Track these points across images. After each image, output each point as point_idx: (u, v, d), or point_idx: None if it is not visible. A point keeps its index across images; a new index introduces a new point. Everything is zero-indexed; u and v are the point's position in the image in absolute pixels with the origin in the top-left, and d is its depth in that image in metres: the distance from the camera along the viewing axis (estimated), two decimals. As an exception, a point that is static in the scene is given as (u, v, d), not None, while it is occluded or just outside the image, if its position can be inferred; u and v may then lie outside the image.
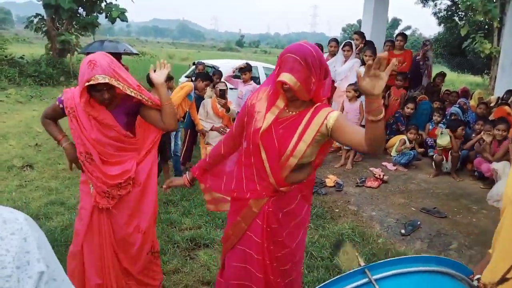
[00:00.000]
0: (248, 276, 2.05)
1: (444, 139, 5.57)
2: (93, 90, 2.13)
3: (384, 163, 6.12)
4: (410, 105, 6.45)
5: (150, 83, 5.44)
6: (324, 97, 1.93)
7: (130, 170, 2.35)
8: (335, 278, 1.14)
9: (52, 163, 5.73)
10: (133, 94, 2.18)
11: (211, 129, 5.44)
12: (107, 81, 2.04)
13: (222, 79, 6.23)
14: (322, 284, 1.15)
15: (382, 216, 4.43)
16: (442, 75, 7.78)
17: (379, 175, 5.44)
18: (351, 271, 1.15)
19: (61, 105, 2.29)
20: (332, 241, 3.75)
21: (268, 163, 1.92)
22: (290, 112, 1.94)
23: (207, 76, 5.60)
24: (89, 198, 2.38)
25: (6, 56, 13.51)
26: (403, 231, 4.05)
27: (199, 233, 3.74)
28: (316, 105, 1.90)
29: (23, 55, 14.50)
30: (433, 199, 4.86)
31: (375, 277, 1.10)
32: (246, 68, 6.37)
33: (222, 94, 5.23)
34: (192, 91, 5.27)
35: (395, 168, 5.95)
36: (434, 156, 5.65)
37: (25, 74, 13.17)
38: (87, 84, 2.05)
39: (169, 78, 5.50)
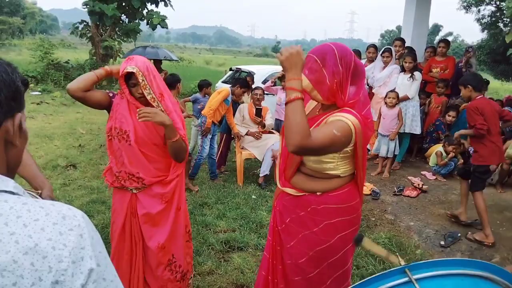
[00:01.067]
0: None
1: None
2: (129, 86, 2.26)
3: (423, 172, 5.95)
4: (452, 113, 6.24)
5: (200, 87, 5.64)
6: (349, 100, 1.77)
7: (148, 173, 2.33)
8: (374, 275, 1.13)
9: (94, 163, 5.94)
10: (148, 97, 2.22)
11: (247, 134, 5.49)
12: (134, 71, 2.16)
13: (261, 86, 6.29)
14: (361, 281, 1.14)
15: (420, 227, 4.31)
16: (486, 83, 7.49)
17: (418, 184, 5.30)
18: (390, 270, 1.13)
19: (110, 94, 2.36)
20: (367, 250, 3.67)
21: (280, 157, 2.00)
22: (317, 113, 1.93)
23: (245, 83, 5.67)
24: (121, 203, 2.42)
25: (52, 61, 14.17)
26: (442, 242, 3.92)
27: (233, 236, 3.77)
28: (340, 109, 1.77)
29: (68, 60, 15.16)
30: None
31: (415, 277, 1.09)
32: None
33: (258, 113, 5.36)
34: (229, 96, 5.35)
35: (434, 177, 5.78)
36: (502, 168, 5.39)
37: (70, 78, 13.75)
38: (121, 74, 2.19)
39: (207, 84, 5.62)
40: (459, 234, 4.02)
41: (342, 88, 1.75)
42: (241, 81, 5.73)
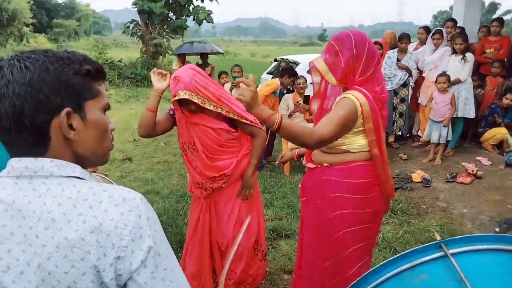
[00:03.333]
0: None
1: None
2: (181, 103, 2.32)
3: (478, 158, 5.70)
4: (510, 96, 5.90)
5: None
6: (358, 81, 1.86)
7: (227, 167, 2.44)
8: (410, 250, 1.16)
9: (148, 156, 6.25)
10: (211, 108, 2.29)
11: (289, 115, 5.52)
12: (187, 97, 2.22)
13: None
14: (399, 255, 1.17)
15: (474, 214, 4.17)
16: None
17: (472, 171, 5.10)
18: (426, 244, 1.16)
19: (171, 112, 2.46)
20: (417, 237, 3.63)
21: None
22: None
23: (292, 72, 5.70)
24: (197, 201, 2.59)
25: (106, 60, 14.91)
26: (497, 229, 3.78)
27: (280, 224, 3.85)
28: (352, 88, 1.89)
29: (121, 59, 15.86)
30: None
31: (451, 251, 1.10)
32: None
33: (306, 101, 5.38)
34: (279, 88, 5.44)
35: (490, 163, 5.52)
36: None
37: (123, 76, 14.43)
38: (173, 99, 2.27)
39: (222, 73, 5.64)
40: (517, 221, 3.85)
41: (354, 70, 1.87)
42: (288, 71, 5.77)
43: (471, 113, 5.76)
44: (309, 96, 5.49)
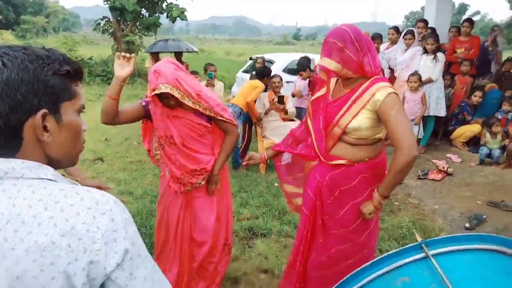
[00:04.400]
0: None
1: None
2: (160, 97, 2.25)
3: (448, 155, 5.85)
4: (478, 93, 6.09)
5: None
6: (376, 69, 1.95)
7: (207, 162, 2.43)
8: (391, 252, 1.15)
9: (120, 156, 6.11)
10: (190, 104, 2.25)
11: (265, 113, 5.52)
12: (168, 90, 2.16)
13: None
14: (379, 257, 1.16)
15: (445, 210, 4.26)
16: (510, 60, 7.24)
17: (443, 168, 5.22)
18: (407, 246, 1.16)
19: (143, 103, 2.39)
20: (390, 233, 3.68)
21: (315, 138, 2.07)
22: (345, 90, 2.02)
23: (266, 70, 5.69)
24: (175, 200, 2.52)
25: (76, 58, 14.50)
26: (467, 224, 3.88)
27: (256, 223, 3.84)
28: (371, 79, 1.94)
29: (92, 56, 15.48)
30: (502, 192, 4.58)
31: (432, 252, 1.10)
32: (302, 67, 6.44)
33: (281, 100, 5.38)
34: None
35: (460, 160, 5.67)
36: (507, 146, 5.28)
37: (94, 74, 14.09)
38: (153, 93, 2.19)
39: (193, 72, 5.61)
40: (484, 216, 3.97)
41: (368, 59, 1.92)
42: (260, 71, 5.75)
43: (442, 112, 5.91)
44: (283, 96, 5.50)
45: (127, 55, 2.21)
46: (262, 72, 5.68)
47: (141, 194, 4.58)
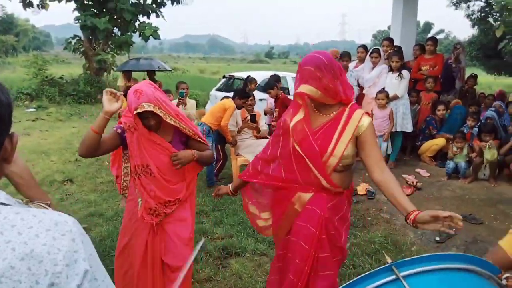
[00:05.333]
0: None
1: (492, 153, 5.29)
2: (140, 117, 2.23)
3: (417, 170, 6.00)
4: (441, 107, 6.32)
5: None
6: (351, 95, 2.04)
7: (181, 192, 2.42)
8: (362, 275, 1.15)
9: (90, 177, 5.98)
10: (172, 122, 2.26)
11: (238, 131, 5.54)
12: (151, 109, 2.16)
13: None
14: (350, 281, 1.16)
15: (415, 224, 4.34)
16: (473, 77, 7.57)
17: (413, 182, 5.35)
18: (377, 268, 1.16)
19: (118, 130, 2.36)
20: (363, 249, 3.72)
21: (314, 165, 2.02)
22: (325, 116, 2.06)
23: (244, 94, 5.67)
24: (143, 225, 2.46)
25: (46, 77, 14.22)
26: (437, 238, 3.96)
27: (230, 242, 3.81)
28: (349, 106, 2.03)
29: (63, 75, 15.21)
30: (469, 205, 4.73)
31: (402, 274, 1.11)
32: (270, 86, 6.52)
33: (253, 119, 5.41)
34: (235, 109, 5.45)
35: (428, 175, 5.83)
36: (474, 160, 5.46)
37: (65, 93, 13.83)
38: (135, 112, 2.16)
39: (166, 91, 5.60)
40: (454, 229, 4.05)
41: (341, 85, 1.99)
42: (239, 91, 5.76)
43: (409, 127, 6.08)
44: (255, 114, 5.55)
45: (117, 92, 2.20)
46: (241, 93, 5.65)
47: (112, 215, 4.48)
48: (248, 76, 7.36)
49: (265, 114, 6.51)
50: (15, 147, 0.85)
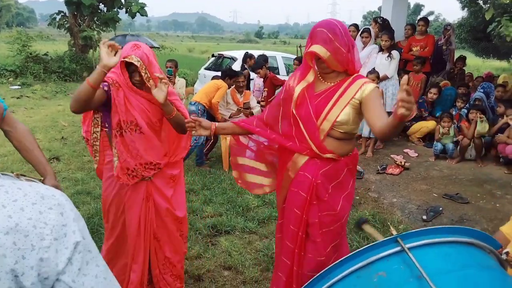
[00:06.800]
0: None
1: (484, 126, 5.38)
2: (127, 70, 2.21)
3: (405, 150, 6.05)
4: (433, 90, 6.34)
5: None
6: (358, 68, 2.02)
7: (162, 157, 2.39)
8: (367, 246, 1.14)
9: (77, 155, 5.89)
10: (149, 85, 2.20)
11: (230, 116, 5.50)
12: (138, 64, 2.13)
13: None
14: (354, 252, 1.15)
15: (403, 203, 4.40)
16: (462, 59, 7.59)
17: (401, 162, 5.39)
18: (383, 239, 1.15)
19: (105, 88, 2.26)
20: (351, 227, 3.75)
21: (305, 129, 2.03)
22: (328, 83, 2.05)
23: (232, 72, 5.62)
24: (136, 195, 2.41)
25: (31, 54, 13.85)
26: (424, 217, 4.02)
27: (220, 221, 3.81)
28: (354, 76, 2.00)
29: (47, 52, 14.83)
30: (456, 185, 4.80)
31: (407, 246, 1.10)
32: (259, 65, 6.45)
33: (247, 107, 5.40)
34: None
35: (416, 155, 5.88)
36: (460, 142, 5.52)
37: (50, 70, 13.50)
38: (122, 59, 2.13)
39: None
40: (441, 208, 4.13)
41: (351, 56, 1.97)
42: (227, 71, 5.68)
43: (398, 108, 6.09)
44: (248, 102, 5.52)
45: (115, 44, 2.09)
46: (229, 73, 5.60)
47: (100, 193, 4.38)
48: (247, 52, 7.28)
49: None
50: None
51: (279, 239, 2.31)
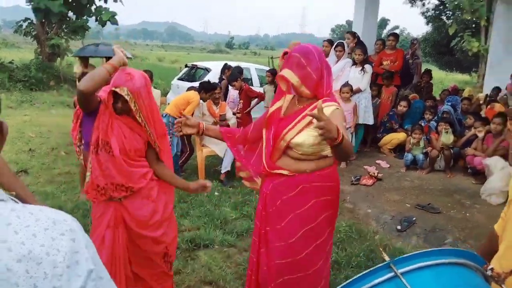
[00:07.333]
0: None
1: (449, 137, 5.59)
2: (113, 96, 2.19)
3: (377, 161, 6.19)
4: (403, 103, 6.54)
5: None
6: (328, 91, 2.06)
7: (136, 180, 2.28)
8: (360, 274, 1.16)
9: (47, 168, 5.70)
10: (139, 119, 2.20)
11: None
12: (127, 99, 2.12)
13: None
14: (349, 280, 1.17)
15: (378, 213, 4.49)
16: (428, 72, 7.86)
17: (374, 173, 5.51)
18: (376, 267, 1.17)
19: (99, 99, 2.28)
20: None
21: (265, 143, 2.12)
22: (299, 106, 2.10)
23: (210, 86, 5.57)
24: (102, 214, 2.33)
25: (-5, 61, 13.38)
26: (399, 227, 4.11)
27: (198, 234, 3.76)
28: (323, 99, 2.02)
29: (12, 60, 14.36)
30: (427, 195, 4.94)
31: (400, 271, 1.13)
32: (234, 77, 6.48)
33: (223, 119, 5.48)
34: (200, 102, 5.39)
35: (388, 166, 6.03)
36: (430, 153, 5.70)
37: (15, 79, 13.04)
38: (113, 88, 2.13)
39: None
40: (414, 218, 4.24)
41: (323, 82, 2.02)
42: (205, 85, 5.63)
43: (370, 120, 6.26)
44: (225, 114, 5.53)
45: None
46: (207, 86, 5.55)
47: (72, 208, 4.30)
48: (226, 63, 7.29)
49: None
50: (5, 136, 0.80)
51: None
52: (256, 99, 6.71)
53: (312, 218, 2.07)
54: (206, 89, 5.45)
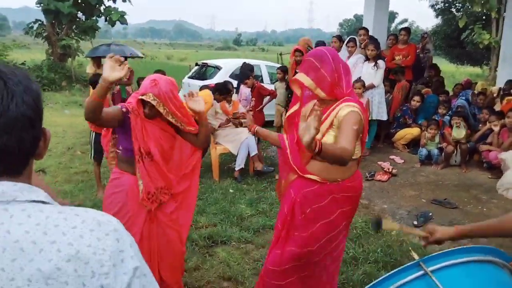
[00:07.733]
0: None
1: (460, 132, 5.57)
2: (143, 103, 2.29)
3: (391, 157, 6.17)
4: (417, 98, 6.50)
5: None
6: (347, 93, 2.05)
7: (174, 184, 2.49)
8: (390, 272, 1.18)
9: (64, 167, 5.79)
10: (173, 121, 2.33)
11: (219, 126, 5.51)
12: (154, 104, 2.22)
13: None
14: (379, 278, 1.19)
15: (394, 209, 4.49)
16: (433, 67, 7.73)
17: (388, 169, 5.50)
18: (405, 265, 1.19)
19: (123, 109, 2.31)
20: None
21: (290, 148, 2.13)
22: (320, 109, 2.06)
23: (226, 90, 5.59)
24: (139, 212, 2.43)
25: (8, 63, 13.53)
26: (415, 222, 4.11)
27: (215, 231, 3.80)
28: (341, 100, 2.03)
29: (25, 61, 14.53)
30: (443, 190, 4.92)
31: (430, 269, 1.14)
32: (246, 76, 6.48)
33: (236, 117, 5.51)
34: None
35: (402, 161, 6.00)
36: (445, 148, 5.67)
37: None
38: (140, 97, 2.23)
39: (141, 79, 5.51)
40: (430, 214, 4.23)
41: (340, 82, 2.01)
42: (221, 87, 5.64)
43: (384, 116, 6.23)
44: (237, 112, 5.53)
45: (121, 58, 2.09)
46: (222, 89, 5.58)
47: (91, 206, 4.33)
48: (244, 62, 7.28)
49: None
50: (48, 142, 0.84)
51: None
52: (268, 96, 6.72)
53: (334, 227, 2.14)
54: (221, 92, 5.48)
